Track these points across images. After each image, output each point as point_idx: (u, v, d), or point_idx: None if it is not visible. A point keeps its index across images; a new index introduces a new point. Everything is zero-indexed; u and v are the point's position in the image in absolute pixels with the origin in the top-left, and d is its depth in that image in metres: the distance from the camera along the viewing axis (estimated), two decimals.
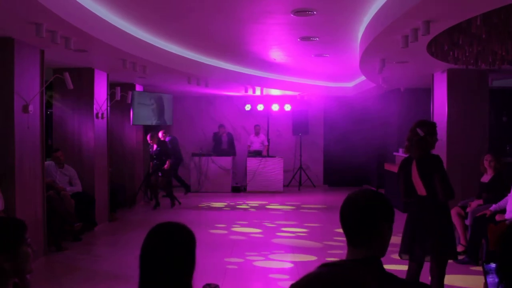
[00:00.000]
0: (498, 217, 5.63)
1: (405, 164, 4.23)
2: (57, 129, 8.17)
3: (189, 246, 1.92)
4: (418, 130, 4.11)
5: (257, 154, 12.58)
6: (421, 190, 4.10)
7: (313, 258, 6.31)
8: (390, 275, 1.66)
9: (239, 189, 12.63)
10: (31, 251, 2.24)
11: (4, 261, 2.13)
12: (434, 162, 4.05)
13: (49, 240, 6.45)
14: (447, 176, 4.04)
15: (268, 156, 12.67)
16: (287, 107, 13.50)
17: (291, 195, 12.22)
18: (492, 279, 1.84)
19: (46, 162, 7.55)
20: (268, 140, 13.36)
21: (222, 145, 12.73)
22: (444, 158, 7.82)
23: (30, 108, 5.89)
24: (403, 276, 4.04)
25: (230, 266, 5.92)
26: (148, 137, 10.35)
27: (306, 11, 5.44)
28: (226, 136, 12.84)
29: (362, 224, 1.69)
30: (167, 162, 10.20)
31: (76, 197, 7.33)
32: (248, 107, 13.47)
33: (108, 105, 8.66)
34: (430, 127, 4.16)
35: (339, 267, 1.67)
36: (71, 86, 6.47)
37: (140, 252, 1.91)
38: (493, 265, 1.92)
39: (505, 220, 5.49)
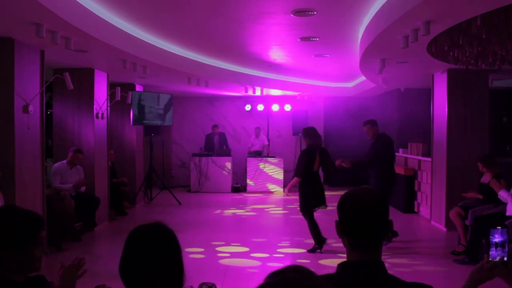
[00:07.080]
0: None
1: None
2: (57, 129, 8.17)
3: (172, 245, 1.81)
4: None
5: (257, 154, 12.58)
6: None
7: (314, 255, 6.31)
8: (393, 278, 1.64)
9: (239, 189, 12.62)
10: (40, 253, 2.06)
11: (6, 255, 1.96)
12: None
13: (49, 240, 6.44)
14: None
15: (268, 156, 12.68)
16: (287, 107, 13.50)
17: (291, 195, 12.18)
18: (494, 252, 1.73)
19: (56, 164, 7.53)
20: (268, 140, 13.35)
21: (214, 146, 12.62)
22: (444, 158, 7.83)
23: (30, 108, 5.89)
24: None
25: (230, 266, 5.92)
26: None
27: (306, 11, 5.44)
28: (218, 137, 12.75)
29: (374, 227, 1.62)
30: None
31: (81, 198, 7.33)
32: (248, 107, 13.48)
33: (108, 105, 8.66)
34: None
35: (339, 269, 1.66)
36: (71, 87, 6.47)
37: (122, 263, 1.82)
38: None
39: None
